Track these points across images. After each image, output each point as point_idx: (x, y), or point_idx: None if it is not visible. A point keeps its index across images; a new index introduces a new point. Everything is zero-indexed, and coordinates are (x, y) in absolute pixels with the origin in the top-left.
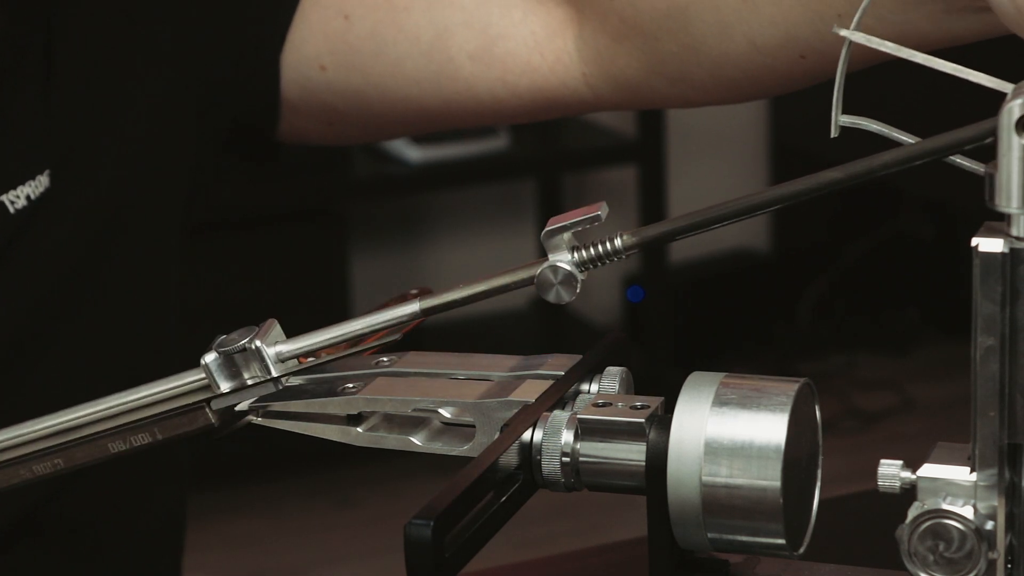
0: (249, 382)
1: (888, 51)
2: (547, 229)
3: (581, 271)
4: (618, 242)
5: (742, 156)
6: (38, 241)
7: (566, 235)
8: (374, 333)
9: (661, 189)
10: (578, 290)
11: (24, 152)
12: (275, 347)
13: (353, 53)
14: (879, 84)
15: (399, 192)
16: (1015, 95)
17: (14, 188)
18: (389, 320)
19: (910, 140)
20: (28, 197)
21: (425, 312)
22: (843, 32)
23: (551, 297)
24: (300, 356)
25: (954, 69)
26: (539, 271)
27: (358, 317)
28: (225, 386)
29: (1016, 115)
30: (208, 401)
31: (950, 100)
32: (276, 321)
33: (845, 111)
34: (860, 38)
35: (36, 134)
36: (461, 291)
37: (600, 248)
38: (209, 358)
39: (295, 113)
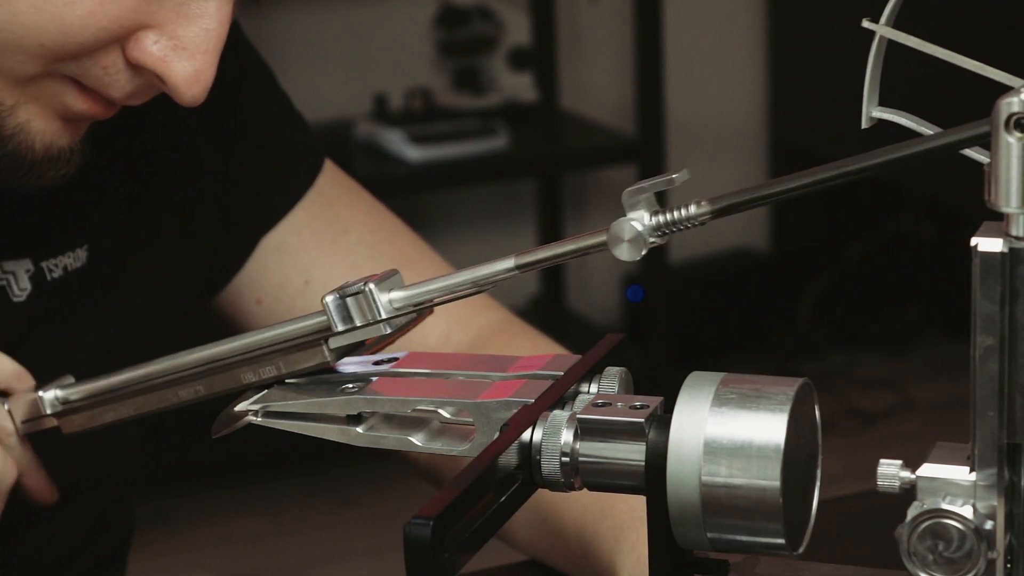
0: (359, 323)
1: (913, 45)
2: (627, 190)
3: (656, 233)
4: (692, 208)
5: (742, 155)
6: (76, 315)
7: (644, 196)
8: (476, 285)
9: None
10: (644, 251)
11: (65, 223)
12: (388, 294)
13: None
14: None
15: (399, 192)
16: (1011, 93)
17: (53, 257)
18: (488, 275)
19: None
20: (66, 268)
21: (519, 267)
22: (872, 26)
23: (618, 252)
24: (411, 304)
25: (976, 66)
26: (612, 226)
27: (460, 271)
28: (340, 326)
29: (1006, 112)
30: (326, 338)
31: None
32: (399, 271)
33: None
34: (888, 32)
35: (78, 208)
36: (551, 249)
37: (676, 213)
38: (329, 298)
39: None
